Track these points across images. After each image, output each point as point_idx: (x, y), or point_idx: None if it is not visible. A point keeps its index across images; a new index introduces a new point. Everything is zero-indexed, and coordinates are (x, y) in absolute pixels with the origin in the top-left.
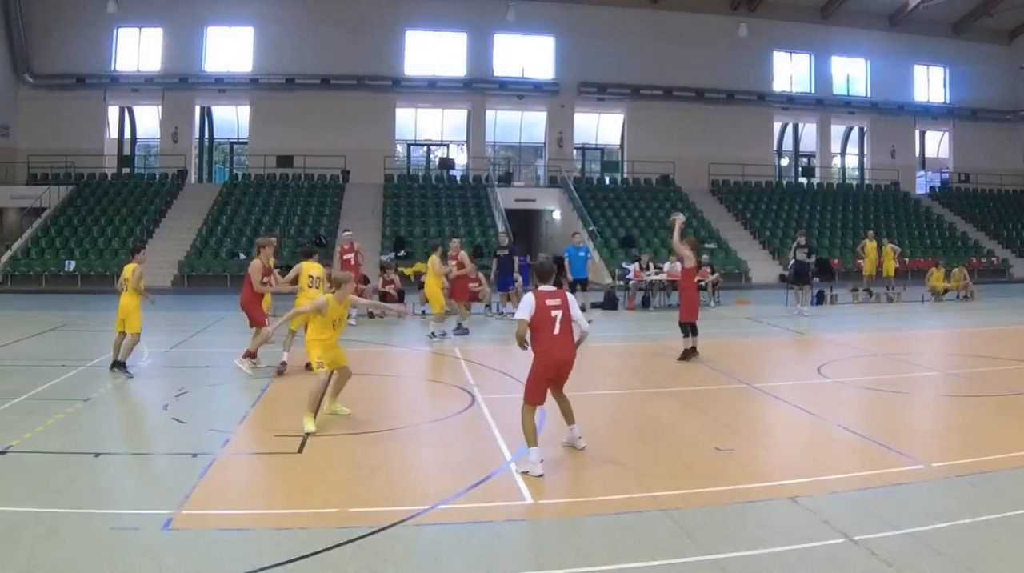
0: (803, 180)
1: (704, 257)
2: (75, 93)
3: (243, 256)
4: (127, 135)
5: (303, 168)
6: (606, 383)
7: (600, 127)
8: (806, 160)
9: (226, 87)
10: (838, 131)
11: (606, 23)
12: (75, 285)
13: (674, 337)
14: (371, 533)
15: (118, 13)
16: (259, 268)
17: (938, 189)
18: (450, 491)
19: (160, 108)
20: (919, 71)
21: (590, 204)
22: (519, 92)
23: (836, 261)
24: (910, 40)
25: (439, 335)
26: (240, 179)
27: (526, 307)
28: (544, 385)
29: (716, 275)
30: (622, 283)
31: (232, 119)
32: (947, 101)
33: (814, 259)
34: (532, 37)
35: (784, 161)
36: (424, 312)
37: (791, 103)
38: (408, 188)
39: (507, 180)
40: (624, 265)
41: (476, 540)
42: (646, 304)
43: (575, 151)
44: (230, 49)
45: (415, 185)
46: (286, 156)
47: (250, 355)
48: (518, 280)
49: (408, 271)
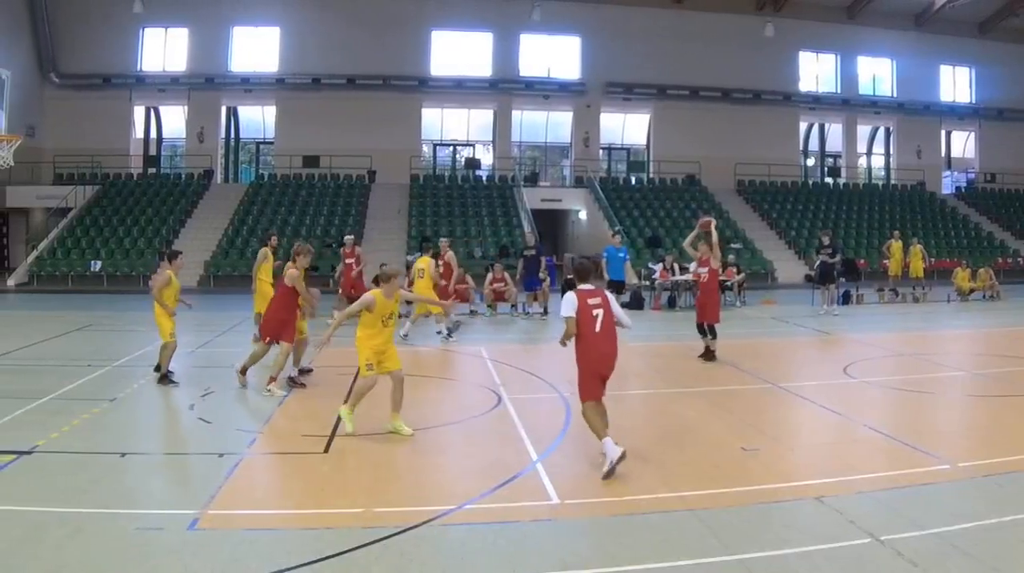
0: (829, 180)
1: (730, 257)
2: (101, 93)
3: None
4: (153, 135)
5: (329, 168)
6: (632, 383)
7: (626, 127)
8: (832, 160)
9: (252, 87)
10: (864, 131)
11: (632, 23)
12: (101, 285)
13: (700, 337)
14: (397, 533)
15: (144, 13)
16: (299, 277)
17: (964, 189)
18: (476, 491)
19: (186, 108)
20: (945, 71)
21: (616, 204)
22: (545, 92)
23: (862, 261)
24: (936, 40)
25: (453, 331)
26: (266, 179)
27: (570, 305)
28: (595, 380)
29: (742, 275)
30: (648, 283)
31: (258, 119)
32: (973, 101)
33: (839, 259)
34: (558, 37)
35: (810, 161)
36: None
37: (817, 103)
38: (434, 188)
39: (533, 180)
40: (650, 265)
41: (502, 540)
42: (672, 304)
43: (601, 151)
44: (256, 49)
45: (441, 185)
46: (312, 156)
47: (273, 379)
48: (545, 280)
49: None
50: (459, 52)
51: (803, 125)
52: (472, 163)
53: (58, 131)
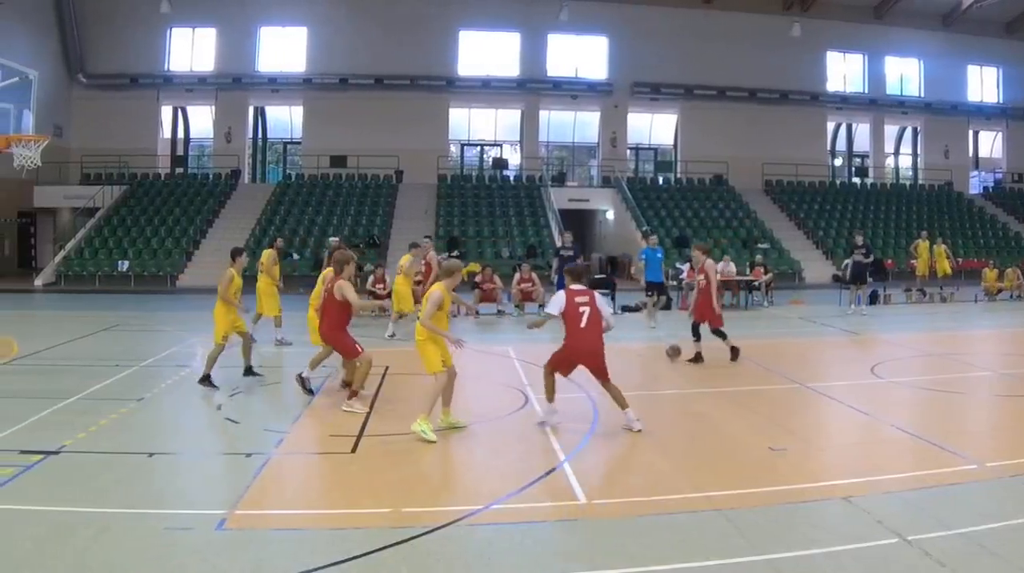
0: (856, 180)
1: (758, 257)
2: (128, 93)
3: (296, 256)
4: (180, 135)
5: (356, 168)
6: (660, 383)
7: (653, 127)
8: (859, 160)
9: (279, 87)
10: (891, 131)
11: (659, 23)
12: (128, 285)
13: (731, 337)
14: (425, 533)
15: (171, 13)
16: (350, 288)
17: (991, 189)
18: (503, 491)
19: (213, 108)
20: (972, 71)
21: (643, 204)
22: (572, 92)
23: (890, 261)
24: (963, 40)
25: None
26: (293, 179)
27: (557, 303)
28: (565, 364)
29: (769, 275)
30: (675, 283)
31: (285, 119)
32: (1000, 101)
33: (871, 259)
34: (585, 37)
35: (838, 161)
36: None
37: (844, 103)
38: (461, 188)
39: (560, 180)
40: (677, 265)
41: (529, 540)
42: None
43: (628, 151)
44: (283, 49)
45: (468, 185)
46: (339, 156)
47: (355, 393)
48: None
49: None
50: (487, 52)
51: (830, 125)
52: (499, 163)
53: (85, 131)
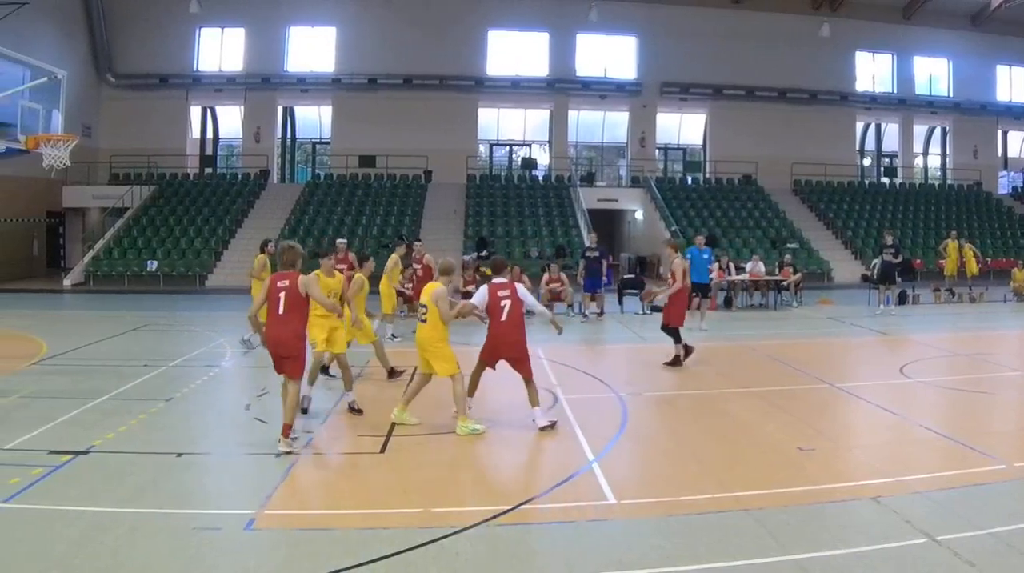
0: (885, 180)
1: (787, 257)
2: (157, 93)
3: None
4: (209, 135)
5: (385, 168)
6: (689, 383)
7: (682, 127)
8: (888, 160)
9: (308, 87)
10: (920, 131)
11: (688, 23)
12: (157, 285)
13: (760, 337)
14: (454, 533)
15: (200, 13)
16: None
17: (1021, 189)
18: (533, 491)
19: (242, 108)
20: (1001, 71)
21: (672, 204)
22: (601, 92)
23: (918, 261)
24: (992, 40)
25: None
26: (322, 179)
27: (480, 296)
28: (491, 357)
29: (798, 275)
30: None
31: (314, 119)
32: None
33: (900, 259)
34: (614, 37)
35: (867, 161)
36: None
37: (873, 103)
38: (490, 188)
39: (589, 180)
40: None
41: (559, 540)
42: (728, 304)
43: (657, 151)
44: (312, 49)
45: (497, 185)
46: (368, 156)
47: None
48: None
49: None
50: (515, 52)
51: (859, 125)
52: (528, 163)
53: (114, 131)
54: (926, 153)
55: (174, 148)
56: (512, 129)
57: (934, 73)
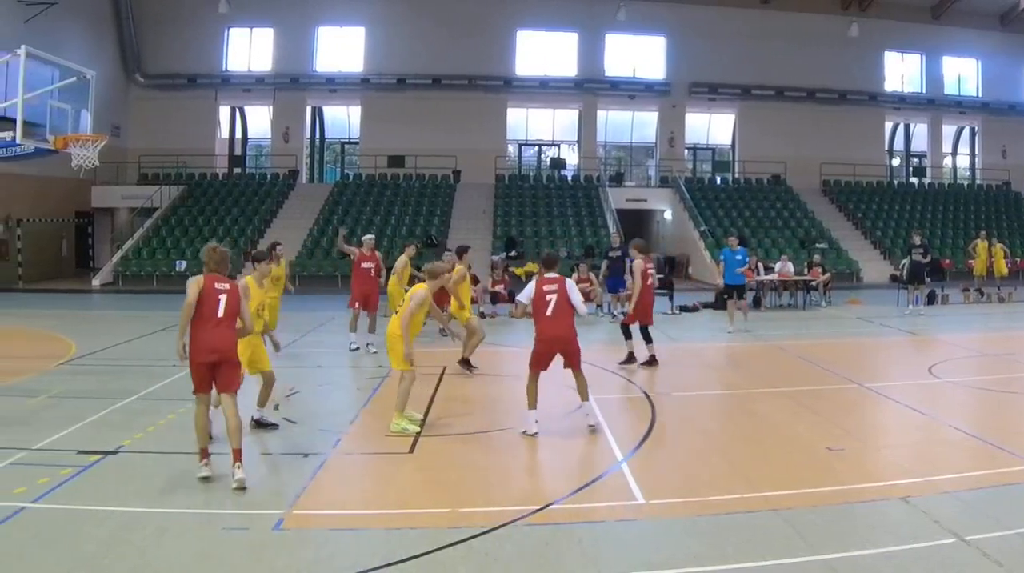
0: (914, 180)
1: (816, 257)
2: (186, 93)
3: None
4: (238, 135)
5: (414, 168)
6: (717, 383)
7: (711, 127)
8: (917, 160)
9: (337, 87)
10: (949, 131)
11: (717, 23)
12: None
13: (789, 337)
14: (482, 533)
15: (229, 13)
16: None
17: None
18: (561, 491)
19: (271, 108)
20: None
21: (701, 204)
22: (630, 92)
23: (947, 261)
24: (1022, 40)
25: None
26: (351, 179)
27: (526, 292)
28: (542, 357)
29: (827, 275)
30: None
31: (343, 119)
32: None
33: (929, 259)
34: (643, 37)
35: (895, 161)
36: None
37: (902, 103)
38: (519, 188)
39: (618, 180)
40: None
41: (587, 540)
42: (757, 304)
43: (686, 151)
44: (341, 49)
45: (526, 185)
46: (397, 156)
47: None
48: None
49: (519, 271)
50: (544, 52)
51: (888, 125)
52: (557, 163)
53: (143, 131)
54: (955, 153)
55: (203, 148)
56: (541, 129)
57: (963, 73)
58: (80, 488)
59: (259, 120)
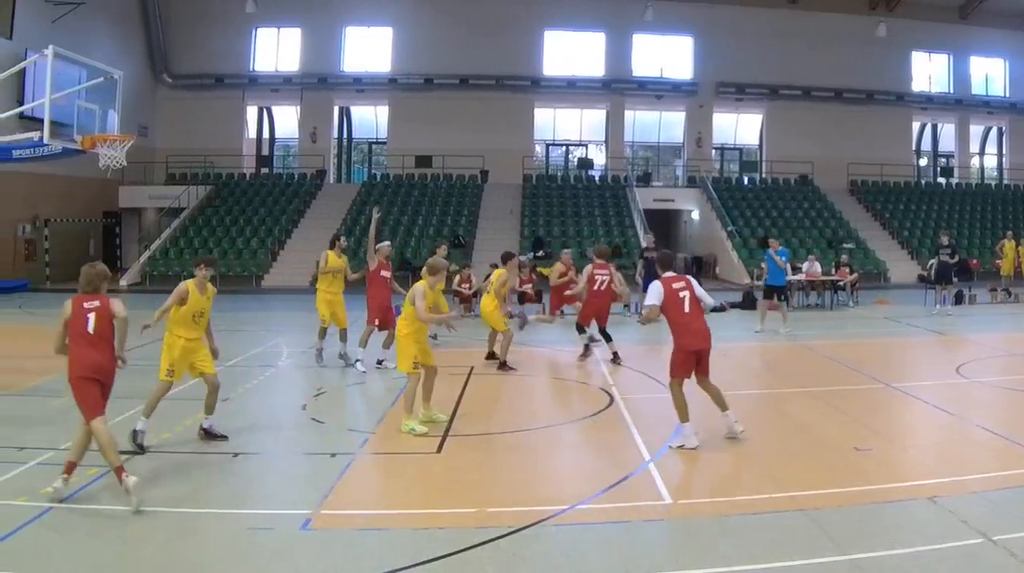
0: (942, 180)
1: (843, 257)
2: (214, 93)
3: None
4: (265, 135)
5: (441, 168)
6: (745, 382)
7: (738, 127)
8: (945, 160)
9: (364, 87)
10: (977, 131)
11: (744, 23)
12: (213, 285)
13: (817, 337)
14: (509, 533)
15: (256, 13)
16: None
17: None
18: (589, 491)
19: (299, 108)
20: None
21: (728, 204)
22: (658, 92)
23: (975, 261)
24: None
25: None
26: (379, 179)
27: (655, 294)
28: (689, 358)
29: (855, 275)
30: (758, 283)
31: (370, 119)
32: None
33: (956, 259)
34: (670, 37)
35: (923, 161)
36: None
37: (930, 103)
38: (547, 188)
39: (646, 180)
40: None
41: (614, 540)
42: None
43: (714, 151)
44: (368, 49)
45: (554, 185)
46: (424, 156)
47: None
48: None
49: (546, 271)
50: (572, 52)
51: (916, 125)
52: (585, 163)
53: (170, 131)
54: (982, 153)
55: (230, 148)
56: (568, 129)
57: (990, 73)
58: (107, 488)
59: (286, 120)
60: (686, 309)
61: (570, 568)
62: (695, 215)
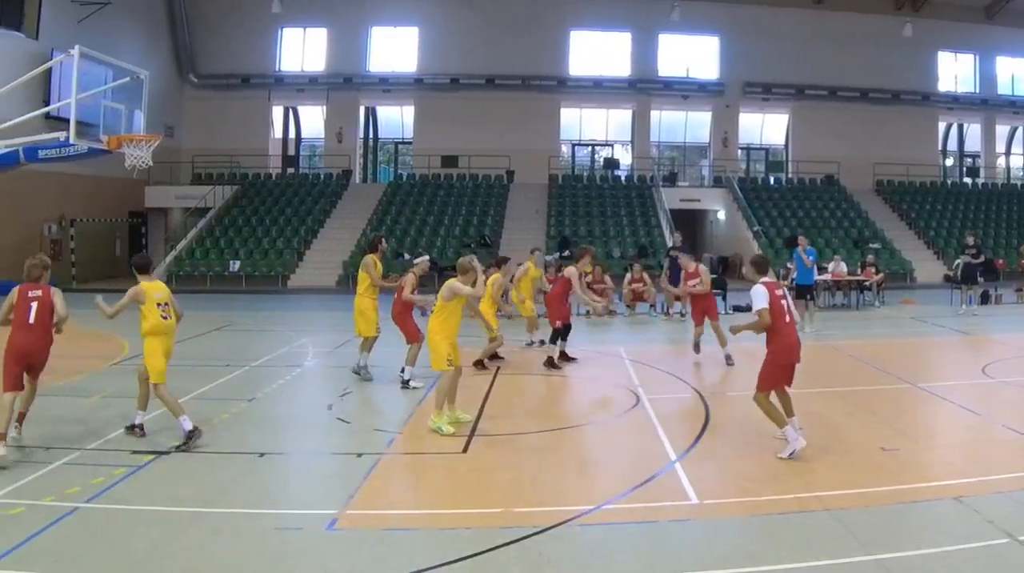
0: (968, 180)
1: (869, 257)
2: (240, 93)
3: (407, 256)
4: (291, 135)
5: (467, 168)
6: None
7: (765, 127)
8: (971, 160)
9: (390, 87)
10: (1003, 131)
11: (770, 23)
12: (239, 285)
13: (843, 337)
14: (536, 533)
15: (282, 13)
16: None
17: None
18: (615, 491)
19: (324, 108)
20: None
21: (754, 204)
22: (684, 92)
23: (1000, 261)
24: None
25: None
26: (404, 179)
27: (762, 297)
28: (786, 370)
29: (881, 275)
30: (786, 283)
31: (396, 119)
32: None
33: (982, 259)
34: (697, 37)
35: (949, 161)
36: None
37: (956, 103)
38: (573, 188)
39: (672, 180)
40: (788, 265)
41: (641, 540)
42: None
43: (740, 151)
44: (394, 49)
45: (580, 185)
46: (450, 156)
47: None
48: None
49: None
50: (598, 52)
51: (942, 125)
52: (611, 163)
53: (196, 131)
54: (1008, 153)
55: (256, 148)
56: (594, 129)
57: (1017, 73)
58: (133, 488)
59: (312, 120)
60: (788, 318)
61: (596, 568)
62: (721, 215)
